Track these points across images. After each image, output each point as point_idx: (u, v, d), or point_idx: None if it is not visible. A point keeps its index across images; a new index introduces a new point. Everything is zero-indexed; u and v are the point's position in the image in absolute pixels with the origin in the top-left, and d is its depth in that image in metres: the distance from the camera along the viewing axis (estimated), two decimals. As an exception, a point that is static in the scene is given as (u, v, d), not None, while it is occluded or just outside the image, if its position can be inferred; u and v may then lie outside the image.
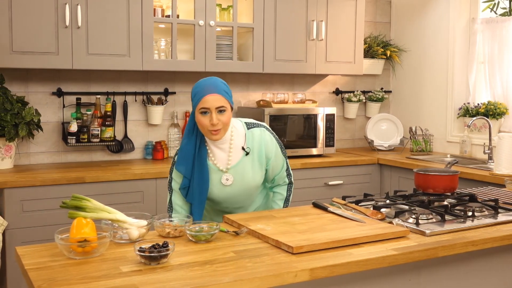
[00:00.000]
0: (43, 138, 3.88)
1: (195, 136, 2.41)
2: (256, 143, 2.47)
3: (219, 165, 2.43)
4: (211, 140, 2.40)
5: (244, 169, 2.45)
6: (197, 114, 2.33)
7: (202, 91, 2.32)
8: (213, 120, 2.29)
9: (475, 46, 4.55)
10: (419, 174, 2.73)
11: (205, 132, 2.36)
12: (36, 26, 3.47)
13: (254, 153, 2.47)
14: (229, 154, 2.43)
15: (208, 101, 2.30)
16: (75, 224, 1.86)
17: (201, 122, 2.32)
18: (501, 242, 2.15)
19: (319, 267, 1.76)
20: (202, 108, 2.30)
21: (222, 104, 2.32)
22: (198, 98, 2.31)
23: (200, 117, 2.32)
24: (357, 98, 4.93)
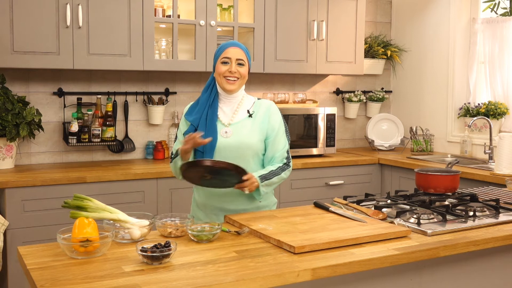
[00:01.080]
0: (44, 138, 3.88)
1: (210, 91, 2.58)
2: (261, 110, 2.61)
3: (222, 119, 2.56)
4: (224, 93, 2.55)
5: (243, 128, 2.55)
6: (218, 64, 2.52)
7: (226, 45, 2.54)
8: (232, 68, 2.49)
9: (476, 46, 4.55)
10: (420, 174, 2.74)
11: (221, 81, 2.52)
12: (37, 26, 3.47)
13: (257, 118, 2.58)
14: (235, 112, 2.58)
15: (230, 51, 2.51)
16: (77, 224, 1.87)
17: (221, 70, 2.51)
18: (502, 242, 2.16)
19: (321, 267, 1.77)
20: (224, 57, 2.51)
21: (242, 57, 2.52)
22: (222, 50, 2.53)
23: (221, 66, 2.51)
24: (357, 98, 4.93)
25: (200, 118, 2.55)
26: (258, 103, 2.62)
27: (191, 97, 4.34)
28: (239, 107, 2.58)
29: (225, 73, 2.49)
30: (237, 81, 2.51)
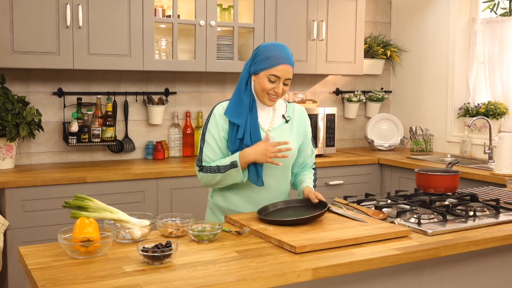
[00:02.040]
0: (44, 138, 3.88)
1: (249, 94, 2.41)
2: (296, 114, 2.54)
3: (262, 123, 2.45)
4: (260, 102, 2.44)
5: (283, 133, 2.46)
6: (263, 78, 2.35)
7: (278, 58, 2.34)
8: (279, 89, 2.36)
9: (475, 46, 4.55)
10: (420, 174, 2.74)
11: (262, 96, 2.39)
12: (37, 26, 3.47)
13: (294, 123, 2.52)
14: (273, 117, 2.48)
15: (282, 71, 2.34)
16: (78, 224, 1.87)
17: (266, 86, 2.35)
18: (502, 242, 2.16)
19: (322, 267, 1.77)
20: (273, 75, 2.34)
21: (290, 77, 2.39)
22: (273, 64, 2.33)
23: (267, 82, 2.35)
24: (357, 98, 4.93)
25: (246, 121, 2.38)
26: (291, 107, 2.55)
27: (191, 97, 4.34)
28: (275, 111, 2.49)
29: (270, 91, 2.36)
30: (278, 98, 2.41)
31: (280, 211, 2.33)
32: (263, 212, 2.30)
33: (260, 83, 2.37)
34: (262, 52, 2.38)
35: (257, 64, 2.37)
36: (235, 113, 2.38)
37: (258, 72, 2.37)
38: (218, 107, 2.44)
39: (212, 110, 2.45)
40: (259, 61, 2.37)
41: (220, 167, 2.37)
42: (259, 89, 2.39)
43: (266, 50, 2.37)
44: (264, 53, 2.36)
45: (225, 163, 2.37)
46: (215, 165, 2.38)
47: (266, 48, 2.38)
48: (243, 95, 2.40)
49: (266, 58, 2.34)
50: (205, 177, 2.41)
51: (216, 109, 2.44)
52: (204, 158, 2.42)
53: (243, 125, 2.37)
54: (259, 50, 2.39)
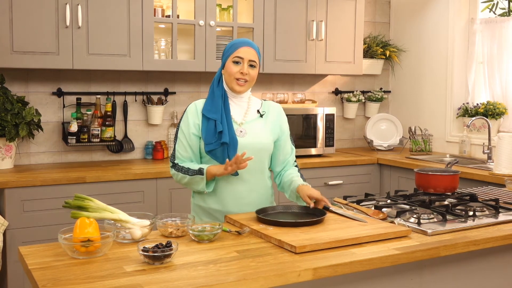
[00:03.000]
0: (43, 138, 3.88)
1: (221, 89, 2.47)
2: (271, 111, 2.59)
3: (235, 118, 2.49)
4: (232, 93, 2.48)
5: (256, 127, 2.51)
6: (229, 63, 2.43)
7: (239, 43, 2.44)
8: (244, 69, 2.41)
9: (474, 46, 4.56)
10: (420, 174, 2.74)
11: (231, 81, 2.44)
12: (36, 26, 3.47)
13: (268, 119, 2.56)
14: (246, 111, 2.53)
15: (243, 52, 2.42)
16: (78, 224, 1.87)
17: (232, 70, 2.42)
18: (502, 242, 2.16)
19: (322, 267, 1.77)
20: (236, 57, 2.42)
21: (254, 58, 2.44)
22: (234, 48, 2.43)
23: (232, 65, 2.42)
24: (356, 98, 4.93)
25: (221, 115, 2.43)
26: (267, 104, 2.60)
27: (191, 97, 4.34)
28: (249, 106, 2.54)
29: (236, 74, 2.41)
30: (246, 83, 2.45)
31: (279, 215, 2.34)
32: (261, 213, 2.31)
33: (227, 71, 2.44)
34: (227, 46, 2.48)
35: (223, 57, 2.47)
36: (210, 108, 2.43)
37: (225, 62, 2.45)
38: (191, 105, 2.51)
39: (186, 108, 2.51)
40: (224, 53, 2.48)
41: (189, 170, 2.43)
42: (226, 77, 2.46)
43: (230, 43, 2.49)
44: (228, 45, 2.48)
45: (194, 167, 2.42)
46: (186, 167, 2.44)
47: (230, 42, 2.50)
48: (215, 90, 2.47)
49: (230, 46, 2.46)
50: (176, 175, 2.48)
51: (189, 107, 2.50)
52: (177, 155, 2.49)
53: (219, 119, 2.41)
54: (226, 46, 2.49)
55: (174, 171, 2.48)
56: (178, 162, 2.47)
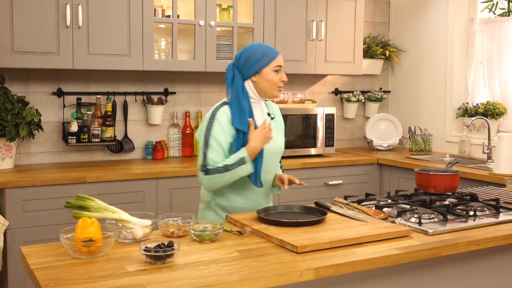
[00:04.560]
0: (43, 138, 3.88)
1: (247, 98, 2.49)
2: (276, 111, 2.69)
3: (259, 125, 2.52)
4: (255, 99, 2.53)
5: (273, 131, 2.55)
6: (270, 72, 2.47)
7: (272, 51, 2.50)
8: (284, 77, 2.52)
9: (474, 46, 4.57)
10: (420, 174, 2.75)
11: (273, 89, 2.50)
12: (37, 26, 3.47)
13: (277, 120, 2.67)
14: (262, 116, 2.58)
15: (280, 60, 2.50)
16: (80, 224, 1.87)
17: (274, 78, 2.48)
18: (503, 241, 2.17)
19: (323, 266, 1.77)
20: (277, 66, 2.49)
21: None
22: (271, 57, 2.48)
23: (273, 74, 2.48)
24: (356, 98, 4.94)
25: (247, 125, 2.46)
26: (270, 105, 2.68)
27: (191, 97, 4.34)
28: (263, 111, 2.59)
29: (278, 82, 2.48)
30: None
31: (280, 215, 2.34)
32: (263, 213, 2.31)
33: (268, 79, 2.48)
34: (252, 54, 2.48)
35: (253, 65, 2.47)
36: (240, 121, 2.45)
37: (260, 70, 2.47)
38: (220, 113, 2.46)
39: (214, 116, 2.46)
40: (255, 62, 2.47)
41: (227, 166, 2.40)
42: (266, 85, 2.49)
43: (255, 51, 2.49)
44: (255, 54, 2.48)
45: (231, 161, 2.41)
46: (222, 165, 2.41)
47: (253, 50, 2.50)
48: (243, 102, 2.47)
49: (262, 55, 2.47)
50: (213, 179, 2.42)
51: (219, 115, 2.46)
52: (209, 162, 2.43)
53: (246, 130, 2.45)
54: (248, 54, 2.48)
55: (210, 177, 2.42)
56: (210, 167, 2.43)
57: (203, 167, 2.44)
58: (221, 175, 2.40)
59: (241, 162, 2.40)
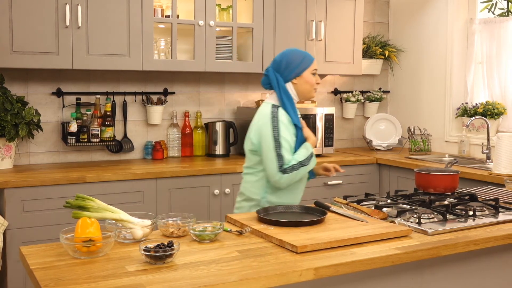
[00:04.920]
0: (43, 138, 3.88)
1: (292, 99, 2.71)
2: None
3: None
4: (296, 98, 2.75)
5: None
6: (309, 75, 2.72)
7: (309, 56, 2.75)
8: (319, 79, 2.79)
9: (473, 47, 4.57)
10: (420, 174, 2.75)
11: (310, 91, 2.74)
12: (36, 26, 3.47)
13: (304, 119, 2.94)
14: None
15: (316, 64, 2.76)
16: (80, 224, 1.87)
17: (312, 81, 2.73)
18: (502, 241, 2.17)
19: (323, 266, 1.77)
20: (315, 69, 2.74)
21: None
22: (310, 62, 2.72)
23: (312, 77, 2.73)
24: (355, 98, 4.94)
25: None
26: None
27: (190, 97, 4.34)
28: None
29: (315, 84, 2.73)
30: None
31: (279, 215, 2.34)
32: (262, 213, 2.31)
33: (307, 81, 2.72)
34: (293, 58, 2.69)
35: (295, 67, 2.68)
36: (297, 119, 2.70)
37: (301, 73, 2.69)
38: (281, 115, 2.64)
39: (277, 118, 2.62)
40: (297, 64, 2.69)
41: (302, 162, 2.61)
42: (306, 87, 2.72)
43: (295, 56, 2.71)
44: (296, 58, 2.70)
45: (303, 157, 2.63)
46: (296, 162, 2.60)
47: (293, 55, 2.71)
48: (292, 101, 2.71)
49: (302, 59, 2.70)
50: (290, 177, 2.59)
51: (281, 117, 2.64)
52: (285, 162, 2.59)
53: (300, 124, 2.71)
54: (289, 59, 2.69)
55: (288, 175, 2.58)
56: (286, 167, 2.58)
57: (280, 167, 2.58)
58: (297, 172, 2.60)
59: (311, 156, 2.65)
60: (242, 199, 2.79)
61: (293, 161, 2.58)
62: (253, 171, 2.74)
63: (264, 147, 2.61)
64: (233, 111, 4.53)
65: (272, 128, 2.60)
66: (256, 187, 2.71)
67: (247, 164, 2.78)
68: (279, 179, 2.58)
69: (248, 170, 2.78)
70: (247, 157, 2.77)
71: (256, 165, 2.71)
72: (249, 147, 2.73)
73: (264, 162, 2.63)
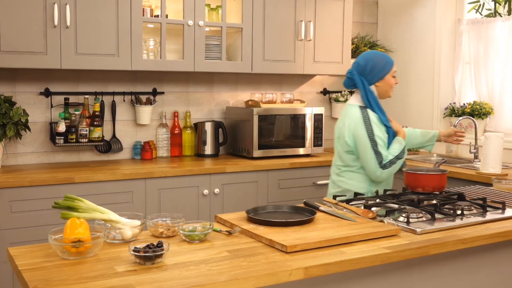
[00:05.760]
0: (30, 138, 3.86)
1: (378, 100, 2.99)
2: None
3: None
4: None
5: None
6: (390, 77, 2.99)
7: (390, 59, 3.01)
8: (398, 80, 3.07)
9: (461, 47, 4.60)
10: (409, 173, 2.76)
11: (389, 91, 3.03)
12: (24, 25, 3.45)
13: None
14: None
15: (395, 66, 3.03)
16: (68, 225, 1.86)
17: (392, 82, 3.01)
18: (490, 240, 2.19)
19: (313, 266, 1.78)
20: (395, 71, 3.02)
21: None
22: (391, 65, 2.98)
23: (393, 79, 3.00)
24: (344, 98, 4.95)
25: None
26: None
27: (179, 97, 4.33)
28: None
29: (393, 85, 3.02)
30: None
31: (269, 214, 2.34)
32: (252, 213, 2.32)
33: (388, 83, 2.99)
34: (377, 63, 2.95)
35: (380, 71, 2.95)
36: (386, 119, 2.97)
37: (384, 77, 2.96)
38: (371, 116, 2.91)
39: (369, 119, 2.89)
40: (381, 68, 2.95)
41: (398, 155, 2.89)
42: (386, 88, 3.00)
43: (378, 60, 2.96)
44: (380, 62, 2.96)
45: (397, 151, 2.90)
46: (393, 156, 2.87)
47: (377, 59, 2.97)
48: (378, 102, 2.98)
49: (385, 63, 2.96)
50: (390, 171, 2.87)
51: (372, 117, 2.90)
52: (384, 158, 2.85)
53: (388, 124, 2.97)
54: (374, 63, 2.95)
55: (388, 170, 2.86)
56: (385, 162, 2.85)
57: (380, 163, 2.84)
58: (395, 165, 2.87)
59: (404, 149, 2.92)
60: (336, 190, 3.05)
61: (390, 156, 2.86)
62: (353, 168, 2.99)
63: (361, 148, 2.87)
64: (222, 111, 4.53)
65: (365, 129, 2.86)
66: (362, 182, 2.97)
67: (343, 163, 3.02)
68: (381, 174, 2.85)
69: (346, 168, 3.02)
70: (341, 157, 3.03)
71: (353, 162, 2.97)
72: (344, 148, 2.97)
73: (364, 161, 2.89)
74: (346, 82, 3.03)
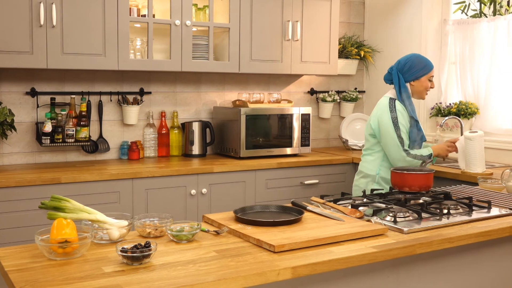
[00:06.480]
0: (16, 138, 3.83)
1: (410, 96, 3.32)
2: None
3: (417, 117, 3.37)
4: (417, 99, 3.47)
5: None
6: (426, 80, 3.32)
7: (430, 64, 3.33)
8: (433, 85, 3.37)
9: (447, 47, 4.63)
10: (395, 173, 2.78)
11: (422, 93, 3.35)
12: (10, 25, 3.42)
13: None
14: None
15: (433, 72, 3.35)
16: (55, 225, 1.85)
17: (427, 85, 3.33)
18: (476, 239, 2.21)
19: (301, 265, 1.78)
20: (432, 75, 3.33)
21: None
22: (430, 69, 3.32)
23: (428, 82, 3.33)
24: (331, 98, 4.97)
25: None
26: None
27: (166, 97, 4.33)
28: None
29: (428, 88, 3.32)
30: None
31: (257, 214, 2.35)
32: (240, 213, 2.32)
33: (423, 85, 3.32)
34: (416, 63, 3.29)
35: (416, 72, 3.29)
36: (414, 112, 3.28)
37: (420, 77, 3.30)
38: (398, 106, 3.25)
39: (395, 108, 3.24)
40: (418, 69, 3.28)
41: (423, 157, 3.22)
42: (420, 89, 3.33)
43: (418, 61, 3.30)
44: (419, 63, 3.29)
45: (425, 154, 3.24)
46: (419, 154, 3.22)
47: (417, 60, 3.31)
48: (410, 98, 3.29)
49: (423, 66, 3.29)
50: (411, 161, 3.20)
51: (398, 108, 3.24)
52: (405, 143, 3.21)
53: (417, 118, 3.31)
54: (413, 63, 3.30)
55: (409, 158, 3.20)
56: (410, 152, 3.20)
57: (402, 146, 3.20)
58: (417, 162, 3.20)
59: (430, 157, 3.24)
60: (359, 176, 3.46)
61: (414, 151, 3.21)
62: (370, 152, 3.37)
63: (383, 131, 3.22)
64: (209, 111, 4.53)
65: (390, 115, 3.20)
66: (373, 165, 3.34)
67: (367, 146, 3.40)
68: (402, 157, 3.18)
69: (366, 151, 3.41)
70: (367, 140, 3.40)
71: (374, 146, 3.34)
72: (369, 131, 3.34)
73: (387, 144, 3.23)
74: (386, 76, 3.39)
